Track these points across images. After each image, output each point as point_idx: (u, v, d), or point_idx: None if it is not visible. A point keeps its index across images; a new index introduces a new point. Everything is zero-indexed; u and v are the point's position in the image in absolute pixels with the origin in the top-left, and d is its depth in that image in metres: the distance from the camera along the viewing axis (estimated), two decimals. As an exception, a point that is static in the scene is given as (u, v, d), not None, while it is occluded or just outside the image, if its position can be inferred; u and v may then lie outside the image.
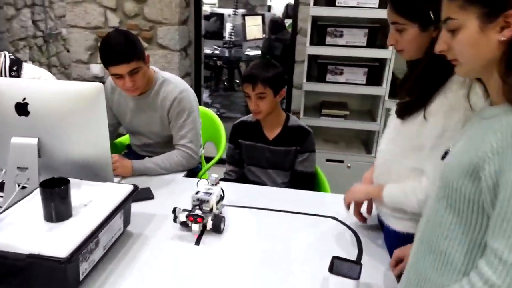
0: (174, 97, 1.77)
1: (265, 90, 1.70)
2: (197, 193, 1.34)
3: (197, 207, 1.31)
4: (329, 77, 2.81)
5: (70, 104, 1.31)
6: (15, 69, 1.90)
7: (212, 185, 1.40)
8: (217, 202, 1.37)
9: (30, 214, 1.13)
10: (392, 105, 1.29)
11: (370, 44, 2.71)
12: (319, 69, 2.84)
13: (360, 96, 3.06)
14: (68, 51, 4.90)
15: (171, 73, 1.91)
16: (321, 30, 2.75)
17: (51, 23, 5.53)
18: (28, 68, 1.94)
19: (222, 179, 1.87)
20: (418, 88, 1.14)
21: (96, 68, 3.31)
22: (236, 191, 1.69)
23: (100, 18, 3.15)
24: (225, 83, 6.32)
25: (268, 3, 7.67)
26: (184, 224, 1.32)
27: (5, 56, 1.91)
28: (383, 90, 2.74)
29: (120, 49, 1.60)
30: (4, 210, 1.14)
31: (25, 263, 0.97)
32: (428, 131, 1.10)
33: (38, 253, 0.97)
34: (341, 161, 3.01)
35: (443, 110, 1.06)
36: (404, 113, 1.19)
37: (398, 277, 1.07)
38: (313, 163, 1.85)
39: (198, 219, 1.27)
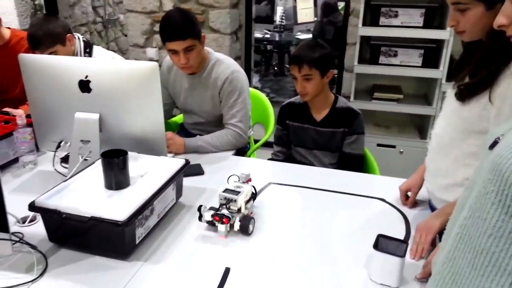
0: (226, 77, 1.81)
1: (311, 72, 1.69)
2: (225, 190, 1.23)
3: (224, 206, 1.21)
4: (382, 59, 2.74)
5: (128, 81, 1.39)
6: (88, 50, 2.07)
7: (243, 182, 1.29)
8: (247, 202, 1.26)
9: (92, 182, 1.23)
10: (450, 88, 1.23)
11: (427, 25, 2.60)
12: (372, 51, 2.77)
13: (415, 79, 2.95)
14: (125, 35, 5.12)
15: (229, 57, 1.95)
16: (374, 11, 2.67)
17: (110, 9, 5.78)
18: (98, 50, 2.13)
19: (269, 159, 1.91)
20: (482, 69, 1.09)
21: (152, 51, 3.44)
22: (283, 170, 1.72)
23: (155, 3, 3.26)
24: (275, 68, 6.32)
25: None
26: (210, 223, 1.23)
27: (78, 38, 2.08)
28: (440, 72, 2.63)
29: (177, 26, 1.68)
30: (68, 179, 1.24)
31: (87, 225, 1.06)
32: (494, 115, 1.04)
33: (99, 216, 1.05)
34: (393, 146, 2.94)
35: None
36: (465, 95, 1.13)
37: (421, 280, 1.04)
38: (362, 145, 1.83)
39: (224, 220, 1.18)
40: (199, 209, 1.23)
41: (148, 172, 1.29)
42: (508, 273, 0.72)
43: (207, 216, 1.21)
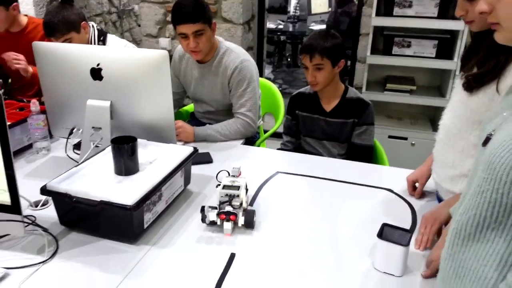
0: (235, 66, 1.82)
1: (322, 61, 1.69)
2: (224, 187, 1.19)
3: (226, 203, 1.17)
4: (395, 50, 2.71)
5: (138, 69, 1.41)
6: (102, 39, 2.11)
7: (234, 176, 1.27)
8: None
9: (102, 168, 1.26)
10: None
11: (442, 15, 2.56)
12: (385, 41, 2.74)
13: (429, 70, 2.91)
14: (139, 26, 5.15)
15: (239, 47, 1.96)
16: (388, 1, 2.64)
17: (124, -1, 5.81)
18: (112, 38, 2.16)
19: (278, 149, 1.92)
20: (490, 59, 1.08)
21: (165, 41, 3.45)
22: (291, 160, 1.73)
23: (168, -7, 3.27)
24: (288, 59, 6.28)
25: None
26: (212, 223, 1.19)
27: (92, 26, 2.12)
28: (454, 64, 2.59)
29: (188, 10, 1.71)
30: (79, 164, 1.27)
31: (97, 209, 1.08)
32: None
33: (109, 200, 1.08)
34: (405, 138, 2.92)
35: None
36: (473, 86, 1.12)
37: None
38: (371, 136, 1.82)
39: (231, 217, 1.15)
40: (202, 210, 1.18)
41: (157, 159, 1.31)
42: (509, 264, 0.72)
43: (212, 216, 1.16)
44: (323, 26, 5.44)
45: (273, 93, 2.31)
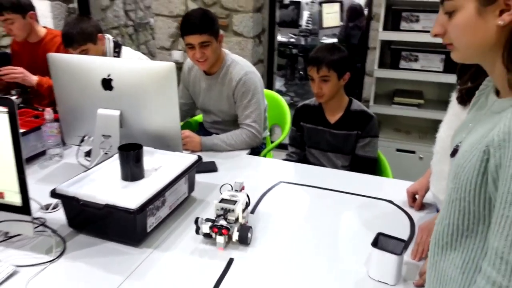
0: (239, 78, 1.88)
1: (329, 73, 1.73)
2: (221, 201, 1.20)
3: (221, 216, 1.17)
4: (402, 63, 2.74)
5: (147, 80, 1.47)
6: (116, 50, 2.20)
7: (237, 191, 1.26)
8: (243, 211, 1.22)
9: (110, 173, 1.31)
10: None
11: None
12: (392, 55, 2.77)
13: (437, 84, 2.93)
14: (154, 38, 5.28)
15: (244, 59, 2.02)
16: (396, 15, 2.68)
17: (141, 13, 5.97)
18: (126, 50, 2.26)
19: (284, 160, 1.96)
20: (482, 74, 1.10)
21: (177, 54, 3.55)
22: (294, 170, 1.76)
23: (181, 7, 3.37)
24: (300, 72, 6.34)
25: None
26: (207, 236, 1.19)
27: (108, 39, 2.21)
28: (461, 78, 2.60)
29: (195, 22, 1.79)
30: (88, 169, 1.33)
31: (103, 212, 1.13)
32: None
33: (114, 204, 1.13)
34: (413, 152, 2.92)
35: None
36: (466, 99, 1.15)
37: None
38: (375, 148, 1.85)
39: (223, 231, 1.14)
40: (196, 221, 1.18)
41: (162, 166, 1.37)
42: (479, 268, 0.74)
43: (205, 228, 1.16)
44: (335, 40, 5.49)
45: (280, 105, 2.36)
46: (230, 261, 1.14)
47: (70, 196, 1.17)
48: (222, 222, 1.16)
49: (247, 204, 1.25)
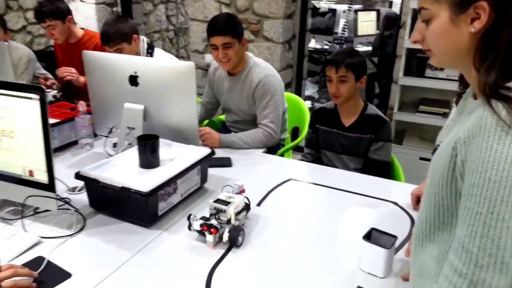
0: (259, 80, 1.97)
1: (347, 74, 1.79)
2: (216, 200, 1.23)
3: (214, 216, 1.21)
4: (428, 72, 2.74)
5: (169, 78, 1.59)
6: (150, 51, 2.36)
7: (236, 193, 1.29)
8: (239, 213, 1.24)
9: (129, 161, 1.44)
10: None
11: None
12: (418, 63, 2.77)
13: None
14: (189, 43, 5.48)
15: (273, 64, 2.14)
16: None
17: (182, 18, 6.21)
18: (158, 51, 2.43)
19: (300, 160, 2.03)
20: None
21: (209, 57, 3.68)
22: (305, 169, 1.83)
23: (215, 12, 3.50)
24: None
25: (391, -1, 7.45)
26: (200, 233, 1.22)
27: (143, 40, 2.38)
28: (489, 88, 2.56)
29: (220, 24, 1.92)
30: (110, 156, 1.46)
31: (119, 193, 1.25)
32: None
33: (129, 186, 1.24)
34: (437, 162, 2.89)
35: None
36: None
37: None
38: (388, 152, 1.88)
39: (212, 230, 1.17)
40: (188, 218, 1.22)
41: (178, 157, 1.48)
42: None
43: (196, 225, 1.20)
44: (369, 48, 5.48)
45: (301, 108, 2.43)
46: (230, 247, 1.22)
47: (92, 178, 1.30)
48: (213, 221, 1.20)
49: (246, 207, 1.28)
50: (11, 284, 0.98)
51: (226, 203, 1.22)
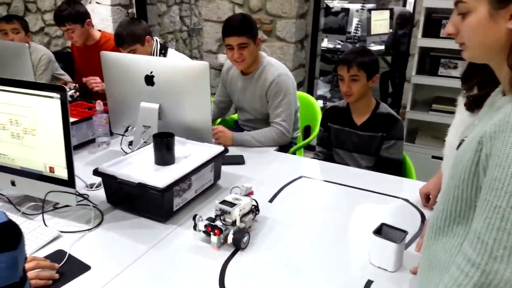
0: (273, 79, 2.00)
1: (359, 73, 1.81)
2: (222, 202, 1.22)
3: (219, 217, 1.21)
4: (441, 71, 2.73)
5: (184, 77, 1.64)
6: (163, 52, 2.41)
7: (244, 195, 1.28)
8: (245, 215, 1.24)
9: (145, 158, 1.48)
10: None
11: None
12: (431, 62, 2.77)
13: None
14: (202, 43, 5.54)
15: (286, 63, 2.16)
16: (436, 23, 2.68)
17: (195, 19, 6.28)
18: (171, 52, 2.48)
19: (311, 158, 2.05)
20: (490, 82, 1.13)
21: (223, 57, 3.73)
22: (317, 167, 1.85)
23: (229, 13, 3.54)
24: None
25: (404, -3, 7.41)
26: (206, 233, 1.22)
27: (156, 41, 2.43)
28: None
29: (236, 24, 1.96)
30: (127, 154, 1.51)
31: (136, 189, 1.29)
32: None
33: (145, 182, 1.28)
34: (450, 160, 2.88)
35: None
36: (474, 106, 1.18)
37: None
38: (400, 150, 1.89)
39: (216, 231, 1.17)
40: (194, 218, 1.23)
41: (192, 154, 1.51)
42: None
43: (201, 226, 1.20)
44: (382, 47, 5.46)
45: (313, 106, 2.45)
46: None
47: (110, 175, 1.35)
48: (218, 222, 1.20)
49: (255, 209, 1.28)
50: (34, 275, 1.03)
51: (232, 204, 1.21)
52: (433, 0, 2.58)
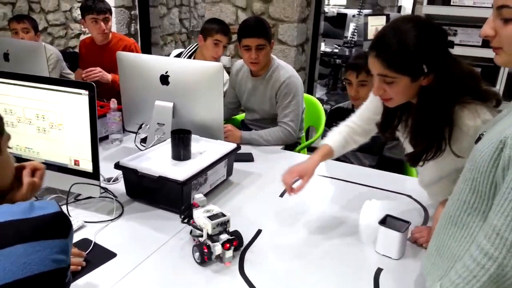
0: (283, 81, 2.09)
1: (367, 79, 1.89)
2: (211, 217, 1.17)
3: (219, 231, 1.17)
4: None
5: (198, 77, 1.71)
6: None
7: (204, 206, 1.23)
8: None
9: (163, 153, 1.56)
10: (506, 106, 0.99)
11: (485, 44, 2.65)
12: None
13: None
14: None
15: (289, 65, 2.23)
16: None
17: (194, 21, 6.35)
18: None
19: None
20: (423, 139, 1.20)
21: (225, 59, 3.81)
22: (321, 164, 1.92)
23: (232, 16, 3.63)
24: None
25: (399, 3, 7.55)
26: (218, 257, 1.16)
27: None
28: (497, 91, 2.65)
29: (254, 26, 2.05)
30: (145, 149, 1.58)
31: (156, 183, 1.37)
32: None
33: (165, 176, 1.36)
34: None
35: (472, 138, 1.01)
36: (417, 162, 1.26)
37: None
38: (402, 150, 1.97)
39: (234, 242, 1.16)
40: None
41: (206, 151, 1.59)
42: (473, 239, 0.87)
43: (218, 250, 1.14)
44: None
45: (317, 108, 2.54)
46: (259, 231, 1.33)
47: (131, 168, 1.42)
48: (223, 236, 1.16)
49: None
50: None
51: (208, 211, 1.20)
52: (432, 7, 2.68)
